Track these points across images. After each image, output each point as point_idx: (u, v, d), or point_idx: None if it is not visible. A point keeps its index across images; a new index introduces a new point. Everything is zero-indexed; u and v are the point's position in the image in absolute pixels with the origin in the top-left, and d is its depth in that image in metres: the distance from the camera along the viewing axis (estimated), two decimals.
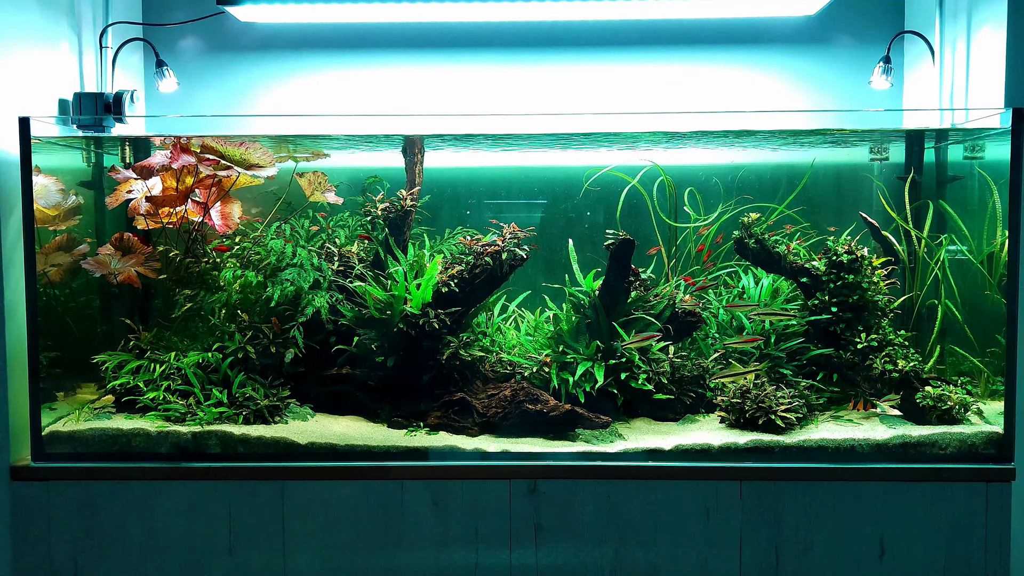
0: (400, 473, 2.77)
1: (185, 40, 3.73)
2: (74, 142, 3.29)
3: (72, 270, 3.10)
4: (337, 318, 3.10)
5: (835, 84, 3.70)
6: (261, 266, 3.14)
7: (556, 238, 3.47)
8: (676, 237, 3.57)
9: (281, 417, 2.98)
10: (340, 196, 3.38)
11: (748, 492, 2.74)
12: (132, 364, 2.99)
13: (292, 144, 3.29)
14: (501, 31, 3.72)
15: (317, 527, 2.77)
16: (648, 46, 3.71)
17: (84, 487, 2.78)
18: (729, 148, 3.56)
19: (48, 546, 2.78)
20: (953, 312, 3.25)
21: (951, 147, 3.40)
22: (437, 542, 2.76)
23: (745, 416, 2.92)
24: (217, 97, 3.75)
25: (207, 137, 3.00)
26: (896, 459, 2.78)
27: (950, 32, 3.36)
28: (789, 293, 3.34)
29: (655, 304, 3.15)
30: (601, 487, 2.75)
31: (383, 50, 3.75)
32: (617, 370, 3.01)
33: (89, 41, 3.39)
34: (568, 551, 2.76)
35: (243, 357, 3.01)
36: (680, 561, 2.75)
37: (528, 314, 3.39)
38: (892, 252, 3.36)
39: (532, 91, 3.73)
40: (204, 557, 2.78)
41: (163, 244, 3.17)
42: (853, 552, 2.74)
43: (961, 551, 2.72)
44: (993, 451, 2.79)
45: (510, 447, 2.83)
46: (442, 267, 3.11)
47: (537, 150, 3.56)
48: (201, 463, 2.79)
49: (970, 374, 3.15)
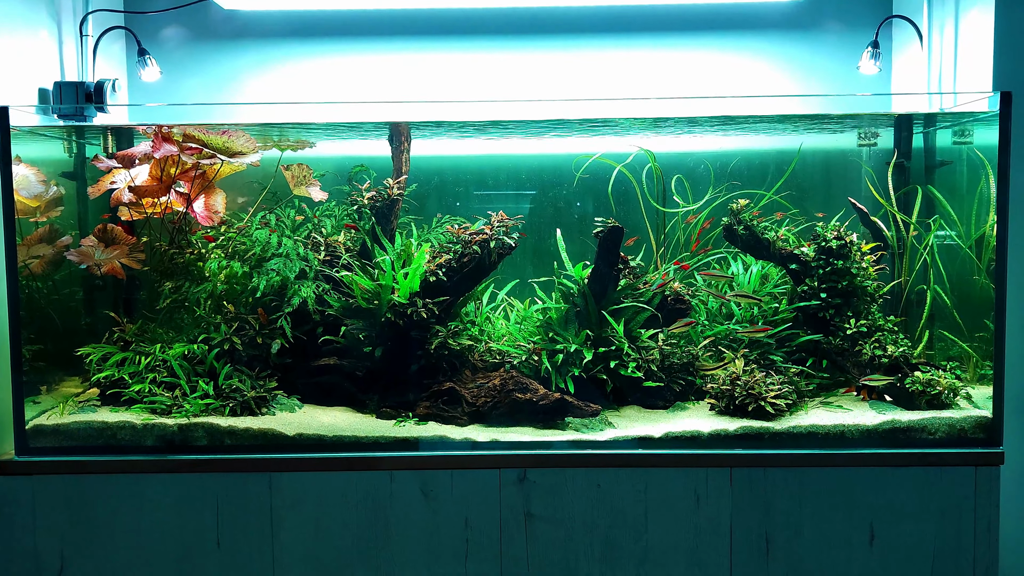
0: (389, 464, 2.75)
1: (168, 28, 3.68)
2: (55, 132, 3.25)
3: (55, 262, 3.07)
4: (324, 308, 3.08)
5: (823, 69, 3.69)
6: (246, 256, 3.11)
7: (545, 226, 3.45)
8: (665, 224, 3.56)
9: (268, 409, 2.96)
10: (326, 186, 3.35)
11: (738, 479, 2.74)
12: (117, 356, 2.96)
13: (277, 134, 3.25)
14: (488, 17, 3.69)
15: (305, 519, 2.75)
16: (636, 32, 3.69)
17: (69, 481, 2.75)
18: (717, 134, 3.55)
19: (34, 540, 2.75)
20: (942, 297, 3.25)
21: (939, 132, 3.39)
22: (427, 532, 2.75)
23: (735, 403, 2.91)
24: (201, 86, 3.71)
25: (190, 126, 2.96)
26: (886, 444, 2.79)
27: (938, 16, 3.35)
28: (778, 279, 3.33)
29: (644, 291, 3.14)
30: (591, 475, 2.74)
31: (368, 37, 3.71)
32: (607, 358, 3.00)
33: (69, 29, 3.34)
34: (558, 539, 2.75)
35: (229, 348, 2.98)
36: (671, 548, 2.74)
37: (517, 303, 3.37)
38: (881, 238, 3.35)
39: (518, 78, 3.70)
40: (192, 550, 2.76)
41: (147, 235, 3.13)
42: (843, 537, 2.74)
43: (950, 535, 2.73)
44: (982, 435, 2.79)
45: (500, 436, 2.82)
46: (430, 256, 3.08)
47: (525, 138, 3.54)
48: (188, 455, 2.77)
49: (959, 359, 3.15)
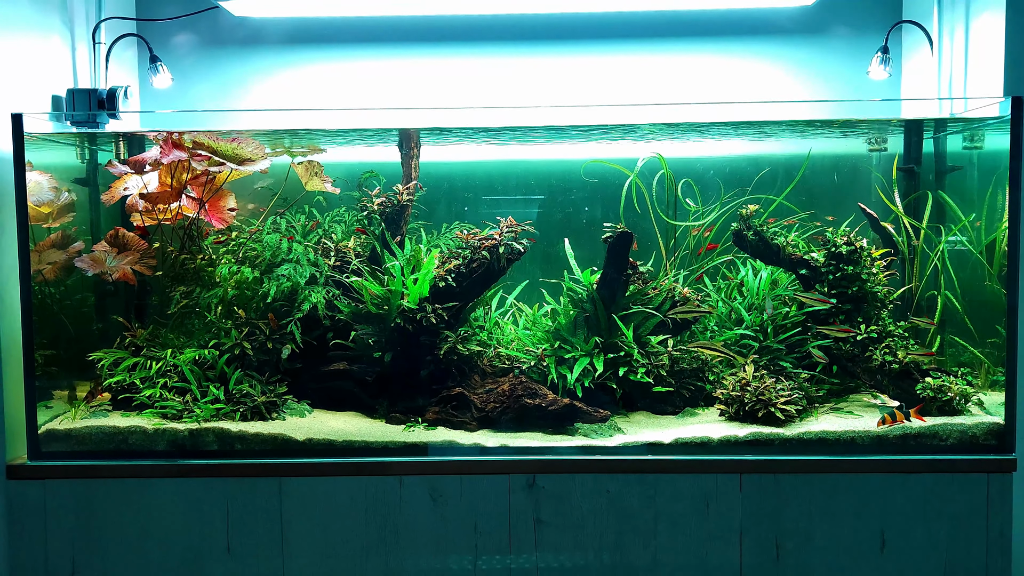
0: (399, 469, 2.76)
1: (179, 35, 3.71)
2: (68, 138, 3.27)
3: (67, 267, 3.08)
4: (334, 314, 3.08)
5: (833, 75, 3.68)
6: (257, 262, 3.12)
7: (554, 232, 3.45)
8: (676, 230, 3.56)
9: (278, 413, 2.97)
10: (336, 191, 3.36)
11: (748, 485, 2.73)
12: (128, 361, 2.98)
13: (288, 140, 3.27)
14: (498, 24, 3.70)
15: (315, 524, 2.75)
16: (646, 38, 3.69)
17: (81, 485, 2.76)
18: (727, 139, 3.54)
19: (45, 545, 2.77)
20: (953, 303, 3.23)
21: (950, 137, 3.38)
22: (436, 537, 2.75)
23: (745, 409, 2.91)
24: (211, 92, 3.73)
25: (199, 132, 2.98)
26: (897, 451, 2.77)
27: (948, 21, 3.34)
28: (788, 285, 3.32)
29: (653, 297, 3.14)
30: (600, 481, 2.74)
31: (379, 44, 3.72)
32: (616, 364, 2.99)
33: (82, 37, 3.37)
34: (568, 546, 2.74)
35: (240, 353, 2.99)
36: (680, 554, 2.74)
37: (526, 308, 3.37)
38: (891, 243, 3.34)
39: (529, 85, 3.71)
40: (202, 555, 2.76)
41: (159, 240, 3.15)
42: (854, 544, 2.73)
43: (962, 543, 2.71)
44: (994, 442, 2.77)
45: (509, 442, 2.82)
46: (439, 261, 3.09)
47: (535, 143, 3.54)
48: (198, 460, 2.78)
49: (970, 365, 3.14)
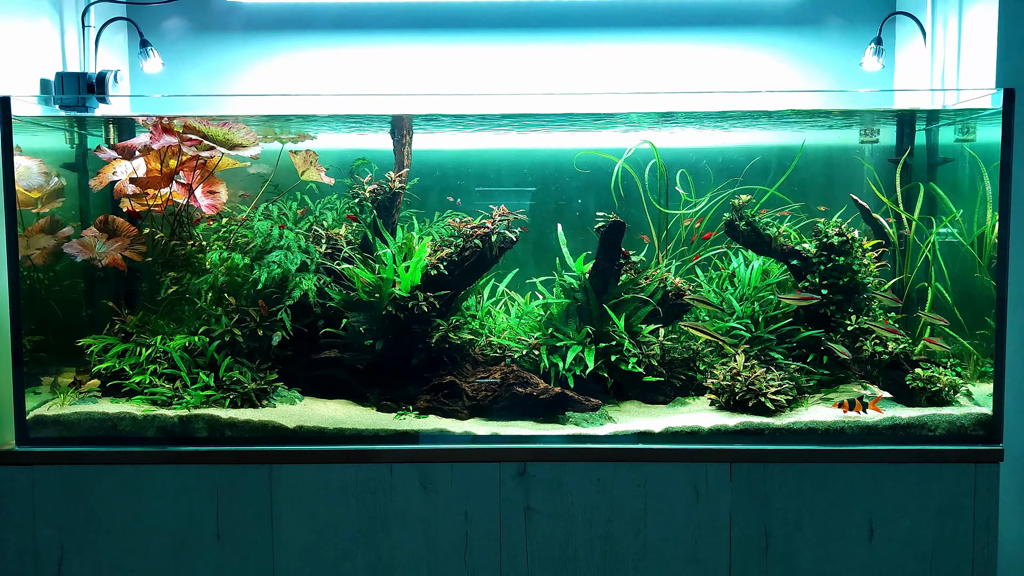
0: (389, 456, 2.75)
1: (170, 20, 3.67)
2: (56, 123, 3.24)
3: (56, 253, 3.06)
4: (325, 301, 3.07)
5: (827, 66, 3.68)
6: (248, 248, 3.11)
7: (546, 221, 3.44)
8: (668, 219, 3.56)
9: (269, 401, 2.96)
10: (331, 181, 3.34)
11: (738, 474, 2.74)
12: (118, 348, 2.96)
13: (279, 127, 3.25)
14: (491, 11, 3.68)
15: (305, 511, 2.75)
16: (640, 27, 3.68)
17: (69, 471, 2.75)
18: (720, 130, 3.54)
19: (33, 530, 2.75)
20: (943, 294, 3.25)
21: (942, 129, 3.39)
22: (426, 525, 2.75)
23: (735, 398, 2.91)
24: (202, 77, 3.70)
25: (190, 117, 2.95)
26: (886, 441, 2.79)
27: (941, 12, 3.34)
28: (779, 275, 3.33)
29: (645, 286, 3.14)
30: (591, 469, 2.74)
31: (371, 30, 3.70)
32: (607, 353, 2.99)
33: (71, 20, 3.34)
34: (558, 533, 2.75)
35: (230, 340, 2.98)
36: (670, 542, 2.75)
37: (518, 297, 3.37)
38: (883, 235, 3.35)
39: (523, 72, 3.69)
40: (191, 541, 2.76)
41: (148, 226, 3.13)
42: (842, 533, 2.74)
43: (949, 532, 2.73)
44: (982, 432, 2.79)
45: (500, 430, 2.82)
46: (431, 250, 3.08)
47: (528, 131, 3.53)
48: (188, 447, 2.77)
49: (959, 356, 3.15)
